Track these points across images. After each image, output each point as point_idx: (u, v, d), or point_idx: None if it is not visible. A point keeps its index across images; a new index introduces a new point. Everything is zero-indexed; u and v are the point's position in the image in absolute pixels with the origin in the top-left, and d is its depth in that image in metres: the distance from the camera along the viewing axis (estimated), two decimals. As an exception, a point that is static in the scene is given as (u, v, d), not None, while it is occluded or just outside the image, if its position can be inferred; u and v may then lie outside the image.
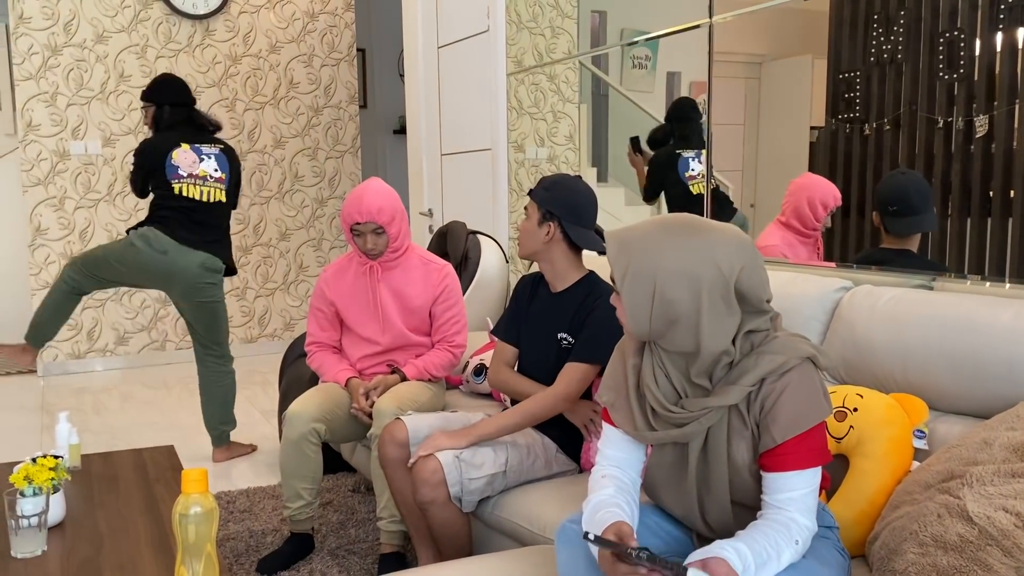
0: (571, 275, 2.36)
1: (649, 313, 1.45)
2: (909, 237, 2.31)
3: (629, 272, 1.46)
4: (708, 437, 1.49)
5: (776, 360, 1.43)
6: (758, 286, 1.45)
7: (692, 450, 1.50)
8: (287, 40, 6.03)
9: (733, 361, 1.47)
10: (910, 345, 1.94)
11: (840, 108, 2.51)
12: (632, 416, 1.55)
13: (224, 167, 3.72)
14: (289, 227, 6.19)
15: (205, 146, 3.71)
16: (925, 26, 2.25)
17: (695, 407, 1.47)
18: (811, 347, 1.47)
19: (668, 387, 1.51)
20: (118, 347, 5.72)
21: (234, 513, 3.11)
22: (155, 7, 5.61)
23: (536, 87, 3.95)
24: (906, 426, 1.82)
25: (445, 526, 2.21)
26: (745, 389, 1.44)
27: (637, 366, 1.56)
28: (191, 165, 3.67)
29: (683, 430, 1.48)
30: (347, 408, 2.73)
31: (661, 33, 3.22)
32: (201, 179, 3.68)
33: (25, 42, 5.31)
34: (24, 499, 1.80)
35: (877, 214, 2.38)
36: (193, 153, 3.68)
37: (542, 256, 2.34)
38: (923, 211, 2.27)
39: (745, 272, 1.44)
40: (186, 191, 3.65)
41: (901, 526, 1.53)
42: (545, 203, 2.30)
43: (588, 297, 2.30)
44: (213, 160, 3.71)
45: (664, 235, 1.45)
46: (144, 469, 2.38)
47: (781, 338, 1.47)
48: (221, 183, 3.71)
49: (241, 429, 4.28)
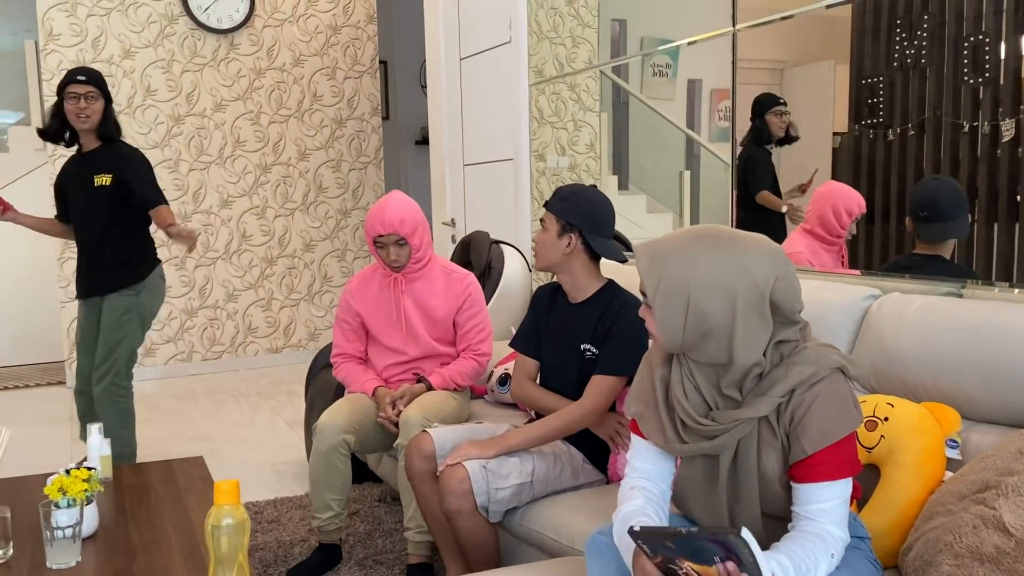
0: (591, 285, 2.35)
1: (683, 326, 1.44)
2: (941, 243, 2.29)
3: (662, 285, 1.44)
4: (738, 449, 1.48)
5: (806, 371, 1.42)
6: (792, 296, 1.44)
7: (722, 462, 1.49)
8: (310, 53, 6.09)
9: (763, 372, 1.46)
10: (940, 353, 1.93)
11: (863, 114, 2.50)
12: (662, 428, 1.54)
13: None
14: (313, 238, 6.24)
15: None
16: (949, 30, 2.24)
17: (725, 419, 1.46)
18: (841, 357, 1.46)
19: (698, 399, 1.50)
20: (145, 359, 5.79)
21: (262, 523, 3.13)
22: (180, 22, 5.68)
23: (557, 96, 3.96)
24: (938, 435, 1.80)
25: (472, 536, 2.21)
26: (775, 400, 1.43)
27: (665, 378, 1.56)
28: None
29: (713, 442, 1.47)
30: (375, 418, 2.75)
31: (683, 42, 3.22)
32: None
33: (54, 59, 5.40)
34: (59, 511, 1.83)
35: (910, 219, 2.36)
36: None
37: (562, 267, 2.34)
38: (954, 217, 2.25)
39: (780, 283, 1.42)
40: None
41: (936, 537, 1.51)
42: (564, 214, 2.29)
43: (610, 307, 2.29)
44: None
45: (696, 247, 1.44)
46: (174, 480, 2.41)
47: (811, 348, 1.46)
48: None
49: (266, 439, 4.31)
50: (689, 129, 3.33)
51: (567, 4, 3.85)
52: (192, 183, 5.83)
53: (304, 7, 6.03)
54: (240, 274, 6.03)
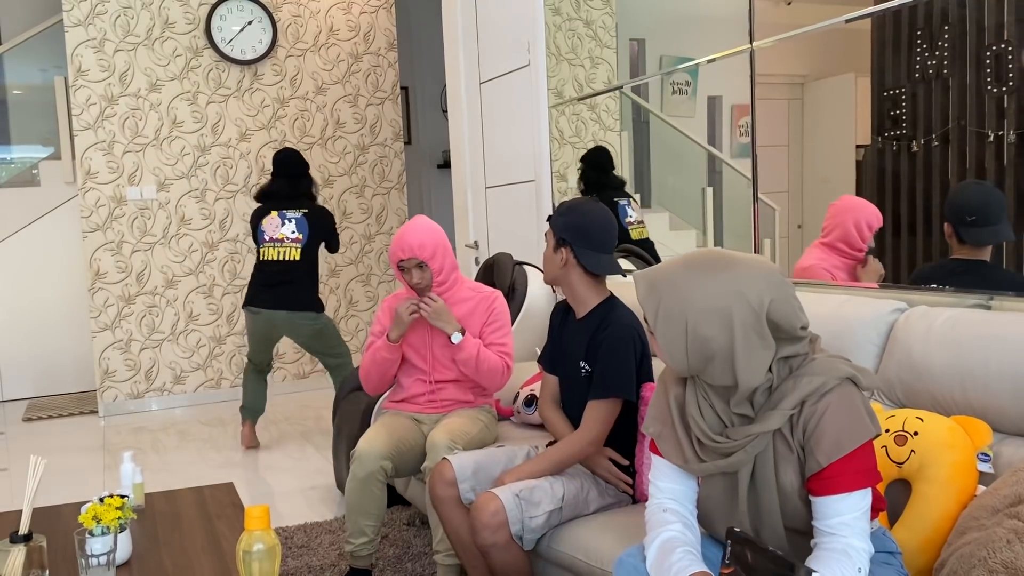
0: (591, 299, 2.34)
1: (685, 351, 1.45)
2: (983, 248, 2.26)
3: (660, 313, 1.46)
4: (756, 465, 1.48)
5: (814, 382, 1.42)
6: (791, 315, 1.44)
7: (741, 479, 1.49)
8: (332, 81, 6.17)
9: (772, 386, 1.46)
10: (969, 366, 1.90)
11: (886, 126, 2.49)
12: (680, 448, 1.54)
13: (303, 229, 4.39)
14: (339, 263, 6.29)
15: (291, 211, 4.41)
16: (971, 40, 2.23)
17: (739, 435, 1.46)
18: (851, 367, 1.45)
19: (713, 417, 1.50)
20: (175, 386, 5.85)
21: (292, 548, 3.14)
22: (205, 54, 5.79)
23: (577, 116, 3.98)
24: (969, 449, 1.77)
25: (508, 567, 2.19)
26: (786, 413, 1.43)
27: (680, 397, 1.56)
28: (274, 229, 4.37)
29: (730, 460, 1.47)
30: (412, 444, 2.76)
31: (702, 60, 3.23)
32: (279, 241, 4.40)
33: (83, 94, 5.52)
34: (93, 538, 1.85)
35: (949, 225, 2.33)
36: (278, 218, 4.41)
37: (562, 282, 2.34)
38: (1000, 221, 2.22)
39: (775, 304, 1.43)
40: (265, 255, 4.42)
41: (969, 553, 1.49)
42: (558, 229, 2.30)
43: (602, 323, 2.28)
44: (293, 223, 4.40)
45: (690, 273, 1.45)
46: (205, 507, 2.43)
47: (819, 359, 1.46)
48: (298, 243, 4.39)
49: (295, 465, 4.33)
50: (710, 146, 3.33)
51: (585, 26, 3.87)
52: (219, 212, 5.90)
53: (325, 36, 6.12)
54: (267, 300, 6.09)
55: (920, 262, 2.40)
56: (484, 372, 2.77)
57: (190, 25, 5.73)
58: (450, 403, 2.87)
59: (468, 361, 2.75)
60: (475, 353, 2.75)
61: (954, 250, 2.32)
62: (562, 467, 2.27)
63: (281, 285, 4.38)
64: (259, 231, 4.44)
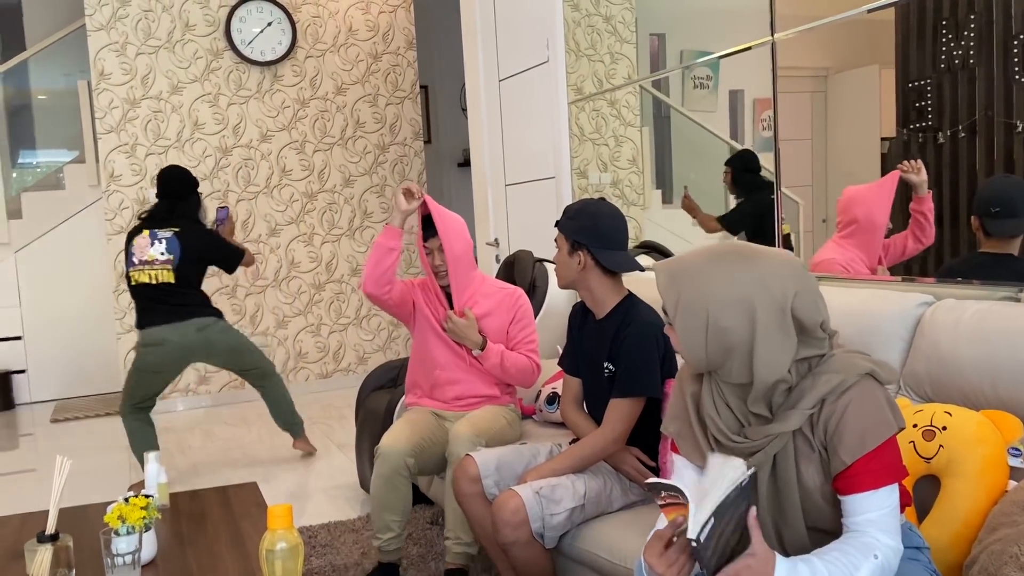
0: (610, 299, 2.34)
1: (704, 343, 1.43)
2: (1011, 240, 2.22)
3: (681, 303, 1.44)
4: (776, 464, 1.46)
5: (834, 380, 1.40)
6: (813, 310, 1.42)
7: (761, 478, 1.47)
8: (352, 81, 6.19)
9: (791, 386, 1.44)
10: (999, 360, 1.87)
11: (911, 117, 2.45)
12: (699, 447, 1.53)
13: (174, 249, 3.88)
14: (360, 263, 6.31)
15: (161, 231, 3.91)
16: (997, 29, 2.19)
17: (757, 435, 1.44)
18: (870, 362, 1.43)
19: (730, 417, 1.49)
20: (200, 386, 5.89)
21: (316, 547, 3.15)
22: (225, 56, 5.82)
23: (597, 112, 3.96)
24: (999, 444, 1.74)
25: (530, 565, 2.19)
26: (805, 412, 1.41)
27: (696, 394, 1.54)
28: (142, 251, 3.89)
29: (749, 460, 1.45)
30: (435, 441, 2.76)
31: (722, 54, 3.20)
32: (148, 263, 3.88)
33: (106, 97, 5.57)
34: (118, 538, 1.86)
35: (976, 218, 2.29)
36: (148, 238, 3.90)
37: (579, 285, 2.33)
38: None
39: (800, 298, 1.40)
40: (136, 278, 3.89)
41: (1000, 549, 1.46)
42: (571, 232, 2.29)
43: (623, 322, 2.28)
44: (164, 244, 3.89)
45: (713, 263, 1.43)
46: (229, 506, 2.44)
47: (838, 356, 1.44)
48: (169, 264, 3.87)
49: (319, 462, 4.35)
50: (733, 140, 3.30)
51: (604, 21, 3.86)
52: (241, 213, 5.94)
53: (344, 36, 6.14)
54: (289, 301, 6.12)
55: (947, 256, 2.36)
56: (513, 374, 2.83)
57: (210, 27, 5.77)
58: (476, 400, 2.87)
59: (493, 369, 2.82)
60: (499, 361, 2.81)
61: (981, 244, 2.28)
62: (585, 465, 2.26)
63: (165, 303, 3.88)
64: (129, 253, 3.92)
